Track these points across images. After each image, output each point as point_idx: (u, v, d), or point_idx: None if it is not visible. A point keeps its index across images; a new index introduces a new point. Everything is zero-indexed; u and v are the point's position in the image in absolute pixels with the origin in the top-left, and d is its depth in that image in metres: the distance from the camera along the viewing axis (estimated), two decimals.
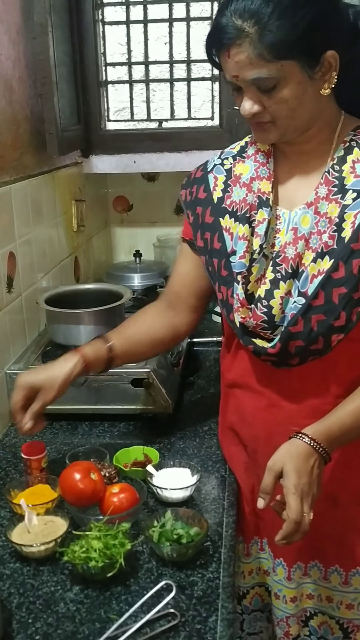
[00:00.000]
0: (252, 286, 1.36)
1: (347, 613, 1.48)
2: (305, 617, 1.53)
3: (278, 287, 1.34)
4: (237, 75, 1.22)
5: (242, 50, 1.17)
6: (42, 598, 1.19)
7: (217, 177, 1.45)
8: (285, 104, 1.22)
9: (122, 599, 1.18)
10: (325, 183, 1.30)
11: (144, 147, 2.63)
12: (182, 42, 2.56)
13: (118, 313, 1.92)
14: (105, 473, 1.43)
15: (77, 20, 2.42)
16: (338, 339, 1.29)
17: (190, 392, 1.98)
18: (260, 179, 1.37)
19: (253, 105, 1.24)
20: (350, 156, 1.29)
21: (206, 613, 1.14)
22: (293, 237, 1.32)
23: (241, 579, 1.61)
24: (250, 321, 1.37)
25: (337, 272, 1.26)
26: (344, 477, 1.41)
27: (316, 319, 1.29)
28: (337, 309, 1.27)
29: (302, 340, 1.31)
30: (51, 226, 2.26)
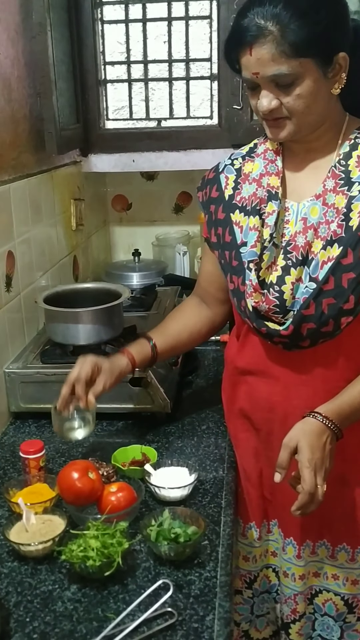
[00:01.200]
0: (263, 273, 1.44)
1: (353, 589, 1.54)
2: (311, 594, 1.58)
3: (289, 273, 1.41)
4: (257, 73, 1.29)
5: (265, 47, 1.25)
6: (39, 597, 1.19)
7: (228, 177, 1.54)
8: (302, 99, 1.30)
9: (120, 597, 1.18)
10: (332, 176, 1.38)
11: (142, 146, 2.63)
12: (181, 41, 2.56)
13: (116, 312, 1.92)
14: (104, 472, 1.43)
15: (76, 19, 2.42)
16: (347, 321, 1.37)
17: (189, 391, 1.99)
18: (270, 175, 1.46)
19: (271, 101, 1.31)
20: (356, 152, 1.38)
21: (203, 612, 1.14)
22: (303, 227, 1.40)
23: (252, 564, 1.68)
24: (263, 305, 1.44)
25: (346, 258, 1.34)
26: (354, 458, 1.47)
27: (327, 303, 1.37)
28: (346, 292, 1.35)
29: (313, 323, 1.39)
30: (50, 225, 2.26)
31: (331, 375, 1.44)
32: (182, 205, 3.06)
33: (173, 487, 1.43)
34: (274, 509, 1.60)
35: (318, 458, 1.31)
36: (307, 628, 1.61)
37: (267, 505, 1.62)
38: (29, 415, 1.85)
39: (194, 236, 3.03)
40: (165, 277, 2.73)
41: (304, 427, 1.35)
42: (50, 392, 1.79)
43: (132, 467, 1.53)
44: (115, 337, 1.91)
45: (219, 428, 1.72)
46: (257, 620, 1.72)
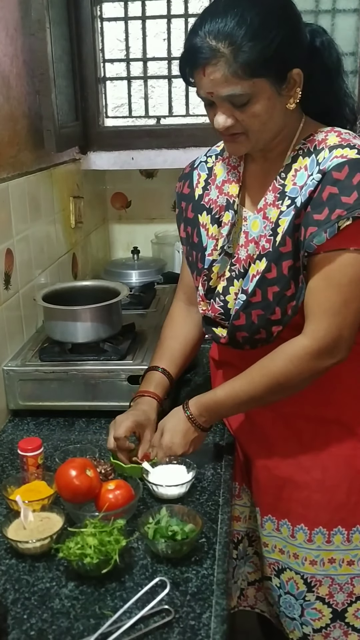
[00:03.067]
0: (214, 282, 1.52)
1: (311, 569, 1.55)
2: (278, 568, 1.61)
3: (232, 284, 1.49)
4: (211, 92, 1.30)
5: (218, 68, 1.25)
6: (37, 594, 1.20)
7: (200, 175, 1.58)
8: (257, 118, 1.31)
9: (117, 595, 1.19)
10: (272, 190, 1.41)
11: (142, 144, 2.63)
12: (180, 38, 2.55)
13: (115, 310, 1.92)
14: (101, 470, 1.44)
15: (75, 16, 2.42)
16: (278, 330, 1.43)
17: (187, 390, 1.98)
18: (230, 182, 1.50)
19: (227, 119, 1.32)
20: (295, 164, 1.39)
21: (200, 609, 1.15)
22: (245, 240, 1.46)
23: (242, 523, 1.72)
24: (209, 313, 1.54)
25: (270, 272, 1.39)
26: (308, 445, 1.52)
27: (256, 314, 1.43)
28: (272, 305, 1.41)
29: (245, 332, 1.46)
30: (49, 223, 2.26)
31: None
32: None
33: (170, 484, 1.43)
34: (249, 480, 1.66)
35: (175, 443, 1.50)
36: (274, 598, 1.63)
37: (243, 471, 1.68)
38: (28, 413, 1.85)
39: None
40: (164, 275, 2.73)
41: (174, 413, 1.53)
42: (49, 390, 1.81)
43: (132, 465, 1.53)
44: (113, 335, 1.91)
45: (217, 425, 1.72)
46: (234, 586, 1.74)
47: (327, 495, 1.51)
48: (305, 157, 1.37)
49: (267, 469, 1.56)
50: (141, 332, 2.02)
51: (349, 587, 1.55)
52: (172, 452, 1.51)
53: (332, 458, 1.51)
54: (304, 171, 1.36)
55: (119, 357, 1.83)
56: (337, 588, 1.55)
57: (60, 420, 1.82)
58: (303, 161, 1.37)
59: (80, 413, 1.83)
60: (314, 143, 1.37)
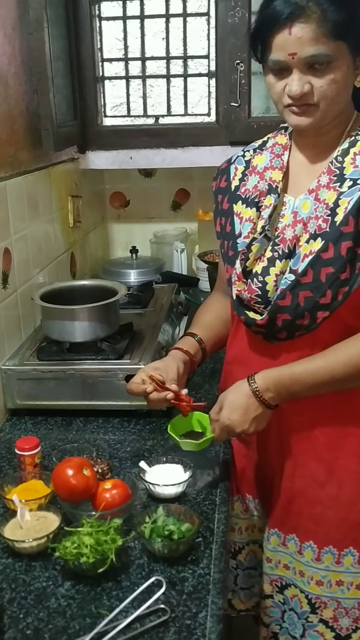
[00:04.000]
0: (250, 263, 1.46)
1: (316, 589, 1.51)
2: (281, 584, 1.58)
3: (274, 265, 1.43)
4: (294, 53, 1.27)
5: (308, 25, 1.25)
6: (33, 593, 1.20)
7: (237, 168, 1.57)
8: (335, 84, 1.30)
9: (113, 594, 1.19)
10: (327, 172, 1.40)
11: (140, 143, 2.63)
12: (179, 37, 2.56)
13: (113, 309, 1.92)
14: (98, 469, 1.44)
15: (73, 15, 2.42)
16: (323, 316, 1.37)
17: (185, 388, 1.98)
18: (273, 169, 1.48)
19: (304, 85, 1.30)
20: (353, 149, 1.39)
21: (196, 609, 1.15)
22: (292, 220, 1.43)
23: (237, 535, 1.69)
24: (245, 294, 1.46)
25: (327, 252, 1.35)
26: (325, 459, 1.46)
27: (303, 295, 1.37)
28: (323, 287, 1.35)
29: (289, 314, 1.40)
30: (47, 222, 2.26)
31: None
32: (180, 203, 3.06)
33: (167, 484, 1.43)
34: (258, 490, 1.63)
35: (233, 420, 1.42)
36: (277, 614, 1.60)
37: (251, 483, 1.64)
38: (26, 412, 1.85)
39: (191, 233, 3.04)
40: (162, 274, 2.73)
41: (236, 387, 1.44)
42: (47, 389, 1.81)
43: (186, 440, 1.52)
44: (111, 334, 1.90)
45: None
46: (242, 592, 1.72)
47: (341, 512, 1.46)
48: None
49: (278, 479, 1.53)
50: (139, 332, 2.01)
51: (355, 612, 1.50)
52: (230, 429, 1.43)
53: (349, 473, 1.45)
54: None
55: (117, 356, 1.83)
56: (343, 612, 1.50)
57: (58, 419, 1.82)
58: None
59: (77, 412, 1.83)
60: None
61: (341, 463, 1.46)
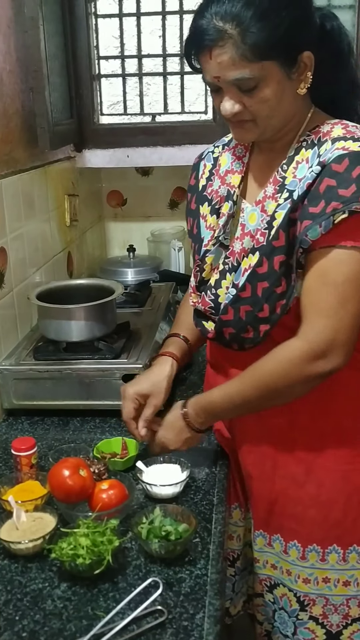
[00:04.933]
0: (207, 274, 1.48)
1: (304, 587, 1.50)
2: (270, 584, 1.57)
3: (225, 277, 1.44)
4: (218, 77, 1.25)
5: (225, 51, 1.20)
6: (29, 595, 1.19)
7: (206, 165, 1.54)
8: (266, 103, 1.26)
9: (110, 596, 1.18)
10: (273, 182, 1.36)
11: (137, 141, 2.62)
12: (175, 35, 2.55)
13: (109, 308, 1.91)
14: (95, 469, 1.43)
15: (69, 13, 2.41)
16: (265, 329, 1.36)
17: (182, 388, 1.97)
18: (233, 173, 1.46)
19: (234, 105, 1.27)
20: (297, 156, 1.34)
21: (193, 610, 1.14)
22: (240, 233, 1.41)
23: (236, 542, 1.68)
24: (199, 306, 1.49)
25: (261, 267, 1.34)
26: (304, 459, 1.45)
27: (244, 310, 1.37)
28: (260, 301, 1.35)
29: (232, 328, 1.40)
30: (43, 221, 2.25)
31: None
32: (177, 201, 3.05)
33: (165, 484, 1.42)
34: (243, 493, 1.63)
35: (168, 439, 1.49)
36: (268, 613, 1.60)
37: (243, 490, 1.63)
38: (22, 412, 1.84)
39: None
40: (160, 273, 2.72)
41: (174, 407, 1.50)
42: (43, 389, 1.80)
43: (112, 459, 1.54)
44: (108, 334, 1.89)
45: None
46: (236, 597, 1.72)
47: (323, 511, 1.45)
48: (308, 149, 1.31)
49: (260, 481, 1.52)
50: (136, 331, 2.00)
51: (344, 609, 1.49)
52: (164, 447, 1.50)
53: (328, 472, 1.44)
54: (305, 164, 1.31)
55: (114, 355, 1.82)
56: (332, 609, 1.49)
57: (54, 419, 1.81)
58: (305, 153, 1.32)
59: (74, 412, 1.82)
60: (319, 135, 1.31)
61: (320, 462, 1.44)
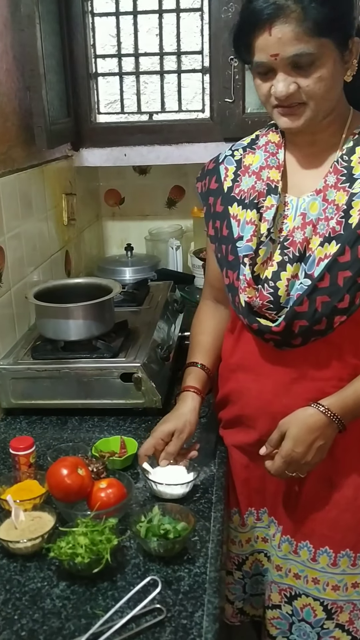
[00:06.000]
0: (258, 268, 1.41)
1: (332, 594, 1.50)
2: (291, 595, 1.55)
3: (285, 269, 1.38)
4: (276, 54, 1.24)
5: (287, 25, 1.21)
6: (28, 594, 1.19)
7: (228, 168, 1.51)
8: (322, 82, 1.26)
9: (109, 594, 1.18)
10: (334, 172, 1.35)
11: (134, 140, 2.62)
12: (172, 33, 2.54)
13: (107, 307, 1.91)
14: (93, 468, 1.43)
15: (65, 11, 2.40)
16: (340, 320, 1.34)
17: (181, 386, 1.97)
18: (270, 168, 1.43)
19: (289, 85, 1.26)
20: (359, 147, 1.34)
21: (192, 608, 1.14)
22: (301, 222, 1.38)
23: (239, 547, 1.67)
24: (256, 301, 1.41)
25: (343, 256, 1.31)
26: (340, 459, 1.45)
27: (321, 300, 1.34)
28: (341, 291, 1.32)
29: (306, 320, 1.36)
30: (41, 220, 2.25)
31: (321, 374, 1.41)
32: (175, 200, 3.05)
33: (176, 483, 1.41)
34: (263, 498, 1.59)
35: (298, 452, 1.37)
36: (284, 626, 1.58)
37: (254, 494, 1.60)
38: (20, 412, 1.84)
39: (187, 230, 3.02)
40: (158, 271, 2.72)
41: (300, 417, 1.37)
42: (41, 388, 1.80)
43: (111, 458, 1.53)
44: (106, 333, 1.89)
45: (210, 423, 1.71)
46: (253, 599, 1.70)
47: (358, 514, 1.45)
48: None
49: (286, 485, 1.50)
50: (134, 329, 2.00)
51: None
52: (294, 462, 1.39)
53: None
54: None
55: (112, 354, 1.82)
56: (359, 614, 1.49)
57: (53, 418, 1.81)
58: None
59: (73, 411, 1.82)
60: None
61: (356, 465, 1.44)
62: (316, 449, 1.37)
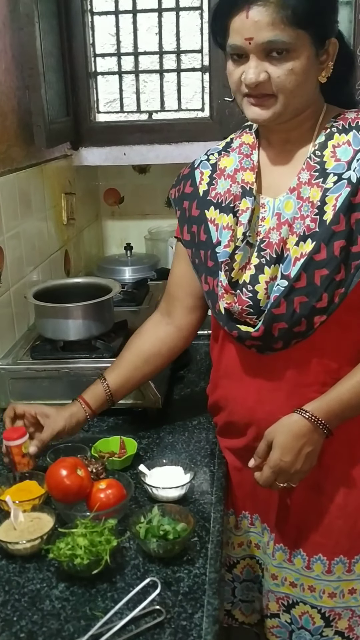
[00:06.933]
0: (236, 274, 1.38)
1: (329, 602, 1.48)
2: (288, 603, 1.54)
3: (263, 272, 1.35)
4: (251, 38, 1.21)
5: (266, 9, 1.19)
6: (27, 595, 1.18)
7: (203, 172, 1.48)
8: (294, 75, 1.23)
9: (108, 595, 1.17)
10: (307, 168, 1.32)
11: (134, 139, 2.61)
12: (172, 32, 2.53)
13: (107, 307, 1.91)
14: (92, 469, 1.42)
15: (65, 10, 2.40)
16: (320, 320, 1.31)
17: (180, 386, 1.97)
18: (244, 170, 1.40)
19: (260, 73, 1.23)
20: (331, 141, 1.32)
21: (192, 609, 1.13)
22: (277, 223, 1.34)
23: (231, 549, 1.65)
24: (235, 307, 1.38)
25: (319, 254, 1.28)
26: (329, 465, 1.43)
27: (298, 301, 1.30)
28: (318, 290, 1.29)
29: (285, 322, 1.33)
30: (40, 219, 2.25)
31: (304, 379, 1.38)
32: None
33: (170, 486, 1.40)
34: (256, 504, 1.57)
35: (287, 461, 1.34)
36: (284, 634, 1.57)
37: (247, 498, 1.59)
38: None
39: None
40: (157, 271, 2.71)
41: (286, 424, 1.35)
42: (41, 388, 1.80)
43: (110, 459, 1.53)
44: (105, 332, 1.89)
45: (210, 423, 1.71)
46: (242, 605, 1.69)
47: (350, 521, 1.44)
48: (342, 134, 1.30)
49: (280, 493, 1.47)
50: (134, 329, 1.98)
51: None
52: (283, 472, 1.36)
53: (355, 480, 1.42)
54: (348, 146, 1.29)
55: (111, 354, 1.81)
56: (358, 621, 1.47)
57: None
58: (341, 137, 1.30)
59: None
60: (347, 121, 1.31)
61: (347, 470, 1.43)
62: (305, 455, 1.34)
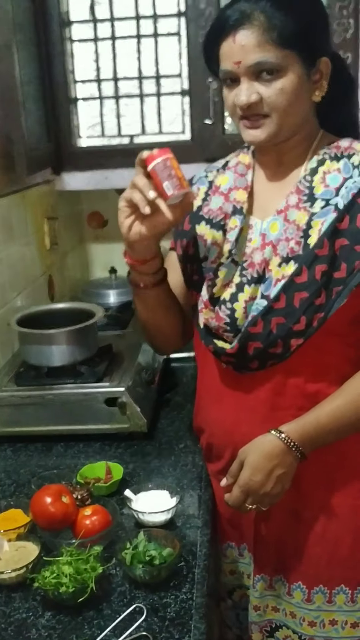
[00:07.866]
0: (218, 290, 1.40)
1: (310, 630, 1.46)
2: (271, 627, 1.53)
3: (242, 290, 1.37)
4: (239, 61, 1.24)
5: (251, 32, 1.23)
6: (13, 625, 1.17)
7: (200, 188, 1.52)
8: (284, 95, 1.25)
9: (95, 623, 1.16)
10: (296, 192, 1.34)
11: (115, 163, 2.62)
12: (151, 57, 2.56)
13: (90, 332, 1.91)
14: (77, 495, 1.42)
15: (45, 38, 2.42)
16: (297, 343, 1.31)
17: (167, 409, 1.97)
18: (237, 189, 1.43)
19: (251, 94, 1.26)
20: (322, 167, 1.34)
21: (179, 634, 1.13)
22: (261, 243, 1.37)
23: (224, 577, 1.64)
24: (212, 322, 1.39)
25: (300, 276, 1.29)
26: (308, 493, 1.42)
27: (276, 322, 1.31)
28: (297, 312, 1.30)
29: (260, 342, 1.33)
30: (23, 245, 2.25)
31: (281, 402, 1.37)
32: None
33: (155, 511, 1.40)
34: (241, 534, 1.56)
35: (256, 482, 1.32)
36: None
37: (230, 529, 1.57)
38: (4, 439, 1.82)
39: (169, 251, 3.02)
40: None
41: (258, 443, 1.33)
42: (26, 415, 1.79)
43: (96, 484, 1.52)
44: (90, 357, 1.89)
45: (196, 446, 1.70)
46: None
47: (329, 549, 1.42)
48: (334, 161, 1.33)
49: (260, 521, 1.46)
50: (118, 353, 2.00)
51: None
52: (252, 492, 1.33)
53: (334, 508, 1.41)
54: (337, 173, 1.31)
55: (96, 379, 1.81)
56: None
57: (38, 445, 1.80)
58: (332, 164, 1.33)
59: (58, 437, 1.81)
60: (340, 149, 1.34)
61: (326, 498, 1.41)
62: (276, 477, 1.31)
